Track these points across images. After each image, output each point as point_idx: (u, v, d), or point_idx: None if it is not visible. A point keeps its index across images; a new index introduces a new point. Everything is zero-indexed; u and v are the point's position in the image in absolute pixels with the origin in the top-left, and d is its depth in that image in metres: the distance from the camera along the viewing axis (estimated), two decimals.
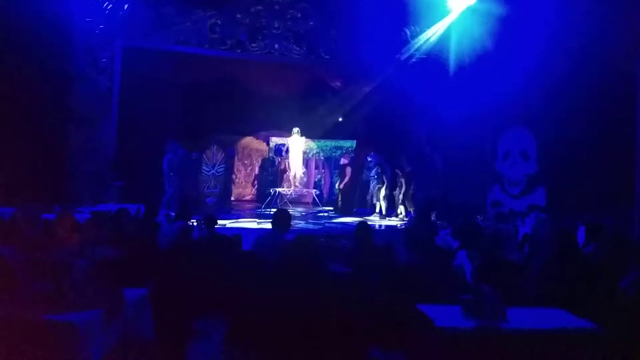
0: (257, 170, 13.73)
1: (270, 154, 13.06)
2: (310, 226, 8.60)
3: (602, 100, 9.93)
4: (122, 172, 10.51)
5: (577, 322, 2.43)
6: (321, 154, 13.44)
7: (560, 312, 2.58)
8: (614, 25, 9.59)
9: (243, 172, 13.54)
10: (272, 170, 12.99)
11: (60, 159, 9.79)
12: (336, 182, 11.76)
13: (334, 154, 13.48)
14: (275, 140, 13.08)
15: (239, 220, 9.19)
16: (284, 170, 12.29)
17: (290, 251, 3.21)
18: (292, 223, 4.05)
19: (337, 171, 12.73)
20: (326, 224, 9.12)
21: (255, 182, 13.66)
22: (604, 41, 9.65)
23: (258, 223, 8.80)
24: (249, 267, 3.42)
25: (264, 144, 13.36)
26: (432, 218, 6.58)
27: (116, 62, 10.33)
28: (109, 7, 10.11)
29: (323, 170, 13.67)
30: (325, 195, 12.62)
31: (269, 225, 8.35)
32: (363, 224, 3.84)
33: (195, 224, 5.32)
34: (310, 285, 3.05)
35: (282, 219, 3.85)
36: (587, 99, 10.04)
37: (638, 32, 9.27)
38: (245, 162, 13.51)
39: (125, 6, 10.20)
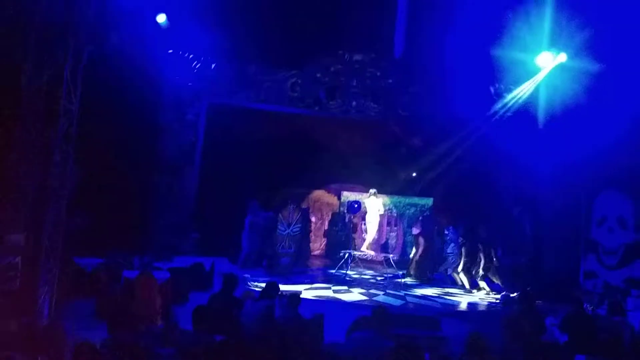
0: (327, 225, 13.51)
1: (342, 209, 12.83)
2: (391, 300, 8.09)
3: None
4: (199, 224, 10.70)
5: None
6: (394, 211, 13.03)
7: None
8: None
9: (313, 226, 13.37)
10: (342, 225, 12.72)
11: (143, 209, 10.11)
12: (410, 252, 11.23)
13: (407, 211, 13.01)
14: (347, 196, 12.88)
15: (313, 285, 8.88)
16: (355, 229, 12.00)
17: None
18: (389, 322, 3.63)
19: (409, 230, 12.20)
20: (407, 297, 8.58)
21: (325, 236, 13.43)
22: None
23: (334, 292, 8.42)
24: None
25: (335, 197, 13.20)
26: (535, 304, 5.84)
27: (201, 117, 10.76)
28: (197, 66, 10.59)
29: (396, 228, 13.20)
30: (397, 256, 12.06)
31: (345, 295, 8.18)
32: (476, 335, 3.38)
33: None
34: None
35: (382, 320, 3.47)
36: None
37: None
38: (316, 215, 13.34)
39: (213, 65, 10.65)
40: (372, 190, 10.93)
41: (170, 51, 10.22)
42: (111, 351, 3.12)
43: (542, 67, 10.41)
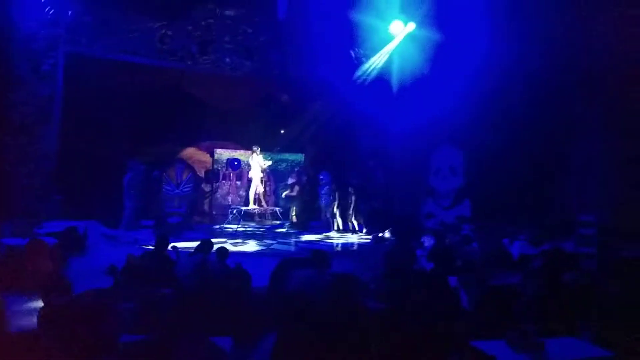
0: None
1: (216, 166, 12.98)
2: (284, 247, 8.85)
3: (520, 120, 11.29)
4: (62, 185, 9.94)
5: (597, 351, 3.04)
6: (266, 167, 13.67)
7: (577, 342, 3.18)
8: (534, 50, 10.93)
9: None
10: (216, 183, 12.94)
11: None
12: (282, 194, 12.09)
13: (278, 167, 13.73)
14: (221, 153, 13.03)
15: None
16: (235, 185, 12.35)
17: (333, 291, 3.53)
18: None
19: (282, 184, 13.04)
20: (297, 243, 9.44)
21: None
22: (524, 66, 10.99)
23: (233, 245, 8.83)
24: (293, 304, 3.64)
25: (208, 155, 13.25)
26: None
27: (59, 68, 9.75)
28: (51, 12, 9.50)
29: (268, 182, 13.86)
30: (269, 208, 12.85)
31: (244, 247, 8.62)
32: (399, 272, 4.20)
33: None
34: (353, 322, 3.41)
35: (322, 258, 4.10)
36: (507, 119, 11.37)
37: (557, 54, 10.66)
38: None
39: (70, 12, 9.66)
40: (256, 148, 11.31)
41: None
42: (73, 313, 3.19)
43: (394, 35, 11.68)
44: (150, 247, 6.60)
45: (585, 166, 9.63)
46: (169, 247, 5.38)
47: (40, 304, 4.38)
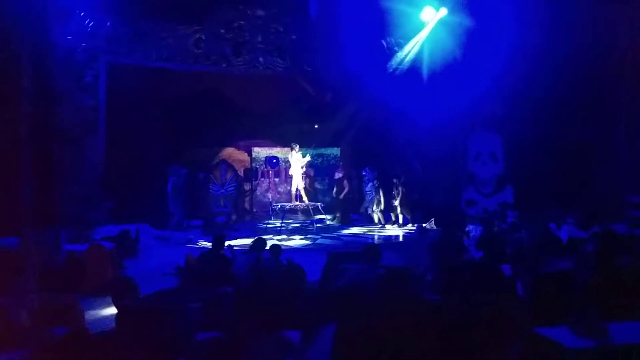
0: None
1: (254, 165, 13.21)
2: (329, 241, 8.98)
3: (562, 103, 11.01)
4: (110, 191, 10.35)
5: None
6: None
7: None
8: (569, 33, 10.63)
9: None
10: (255, 181, 13.15)
11: (47, 181, 9.46)
12: (334, 192, 12.19)
13: (315, 161, 13.83)
14: (258, 151, 13.24)
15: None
16: (274, 182, 12.55)
17: (390, 284, 3.57)
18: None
19: (326, 178, 13.13)
20: (341, 237, 9.57)
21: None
22: (562, 48, 10.69)
23: (279, 241, 9.02)
24: (347, 301, 3.71)
25: (246, 154, 13.49)
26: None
27: (101, 79, 10.13)
28: (90, 24, 9.86)
29: (308, 178, 13.97)
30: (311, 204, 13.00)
31: (290, 243, 8.79)
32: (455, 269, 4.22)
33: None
34: (412, 314, 3.44)
35: (374, 252, 4.19)
36: (547, 102, 11.10)
37: (589, 42, 10.34)
38: None
39: (108, 23, 10.00)
40: (295, 145, 11.47)
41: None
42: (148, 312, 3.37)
43: (426, 22, 11.53)
44: (202, 246, 6.82)
45: (634, 147, 9.31)
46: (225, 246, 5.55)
47: (110, 305, 4.61)
